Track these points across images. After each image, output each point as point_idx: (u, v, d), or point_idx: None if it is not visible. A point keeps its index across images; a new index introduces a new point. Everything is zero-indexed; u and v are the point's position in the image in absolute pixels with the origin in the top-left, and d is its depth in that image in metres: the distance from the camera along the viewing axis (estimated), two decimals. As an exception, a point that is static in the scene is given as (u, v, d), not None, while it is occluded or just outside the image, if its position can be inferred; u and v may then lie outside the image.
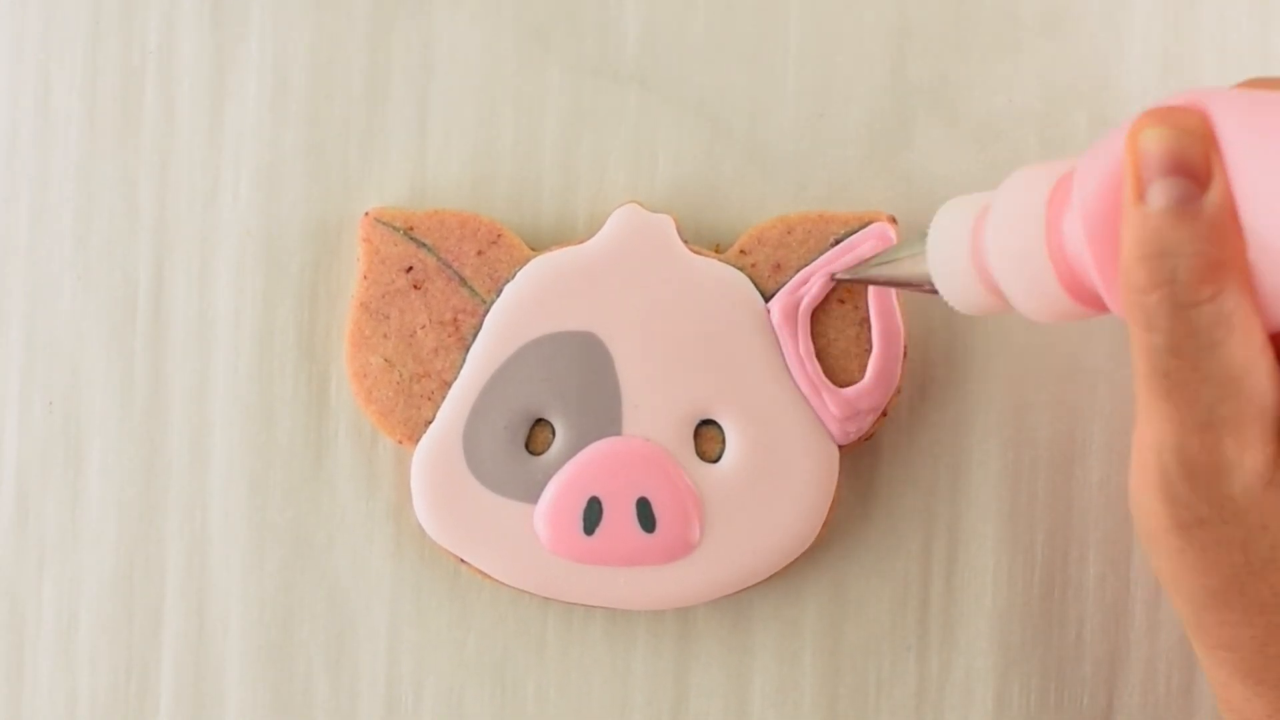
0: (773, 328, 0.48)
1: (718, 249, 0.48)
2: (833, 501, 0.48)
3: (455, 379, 0.48)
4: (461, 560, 0.48)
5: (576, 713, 0.49)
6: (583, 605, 0.49)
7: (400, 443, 0.48)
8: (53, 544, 0.49)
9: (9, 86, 0.49)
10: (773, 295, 0.48)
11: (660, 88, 0.49)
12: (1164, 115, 0.36)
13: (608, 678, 0.49)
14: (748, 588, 0.48)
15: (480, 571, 0.48)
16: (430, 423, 0.48)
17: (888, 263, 0.44)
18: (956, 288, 0.41)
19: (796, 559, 0.48)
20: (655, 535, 0.47)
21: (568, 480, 0.47)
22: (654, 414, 0.47)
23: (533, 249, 0.48)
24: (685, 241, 0.48)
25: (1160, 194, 0.36)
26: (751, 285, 0.48)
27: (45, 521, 0.49)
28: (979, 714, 0.49)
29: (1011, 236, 0.39)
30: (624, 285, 0.47)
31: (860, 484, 0.49)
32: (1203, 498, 0.37)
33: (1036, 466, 0.49)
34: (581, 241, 0.48)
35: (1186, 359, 0.36)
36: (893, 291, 0.48)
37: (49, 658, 0.49)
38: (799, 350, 0.47)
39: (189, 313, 0.49)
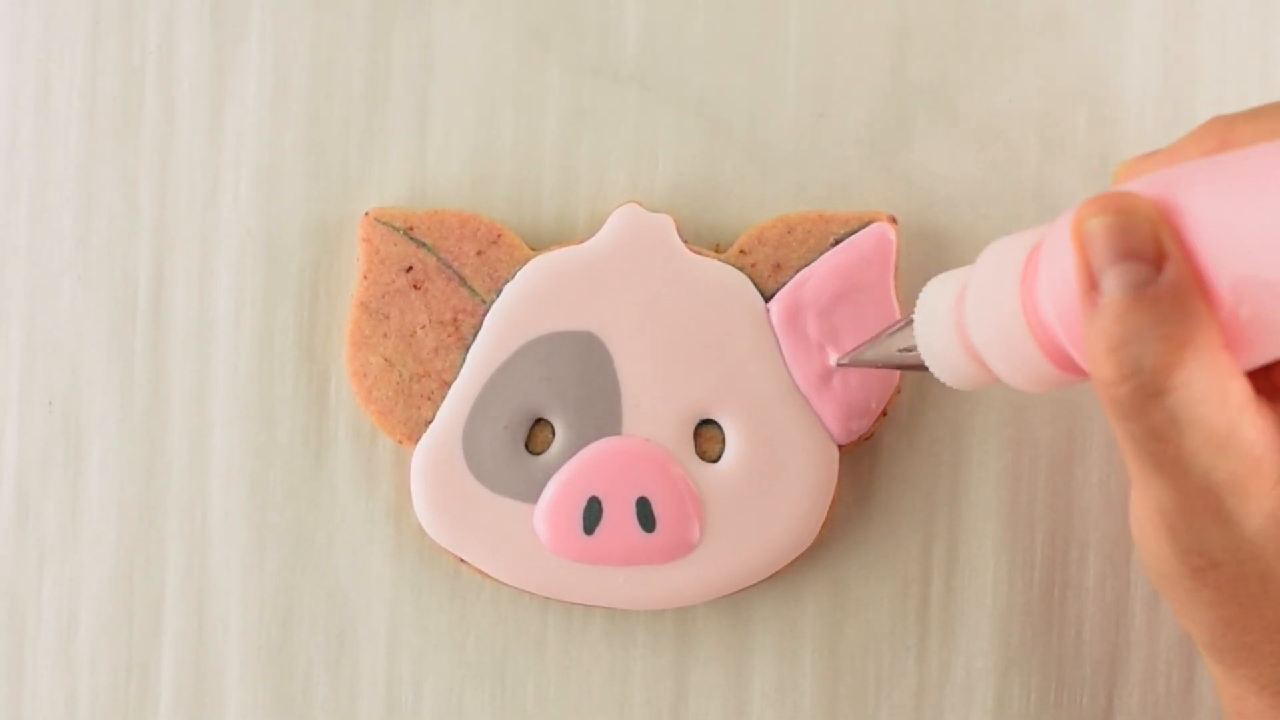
0: (773, 328, 0.48)
1: (718, 249, 0.48)
2: (832, 501, 0.48)
3: (455, 379, 0.48)
4: (461, 560, 0.48)
5: (576, 712, 0.49)
6: (582, 605, 0.49)
7: (400, 442, 0.48)
8: (53, 544, 0.49)
9: (9, 86, 0.49)
10: (773, 295, 0.48)
11: (660, 87, 0.49)
12: (1103, 203, 0.35)
13: (607, 677, 0.49)
14: (747, 587, 0.48)
15: (480, 571, 0.48)
16: (430, 423, 0.48)
17: (881, 344, 0.44)
18: (945, 365, 0.41)
19: (796, 559, 0.48)
20: (655, 535, 0.47)
21: (567, 480, 0.47)
22: (654, 414, 0.47)
23: (533, 249, 0.48)
24: (685, 241, 0.48)
25: (1114, 283, 0.35)
26: (751, 285, 0.48)
27: (45, 521, 0.49)
28: (979, 714, 0.49)
29: (990, 311, 0.39)
30: (624, 285, 0.47)
31: (860, 484, 0.49)
32: (1215, 546, 0.37)
33: (1036, 466, 0.49)
34: (581, 241, 0.48)
35: (1170, 441, 0.35)
36: (891, 291, 0.48)
37: (49, 658, 0.49)
38: (799, 350, 0.47)
39: (189, 313, 0.49)
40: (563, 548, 0.47)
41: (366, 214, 0.48)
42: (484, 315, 0.48)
